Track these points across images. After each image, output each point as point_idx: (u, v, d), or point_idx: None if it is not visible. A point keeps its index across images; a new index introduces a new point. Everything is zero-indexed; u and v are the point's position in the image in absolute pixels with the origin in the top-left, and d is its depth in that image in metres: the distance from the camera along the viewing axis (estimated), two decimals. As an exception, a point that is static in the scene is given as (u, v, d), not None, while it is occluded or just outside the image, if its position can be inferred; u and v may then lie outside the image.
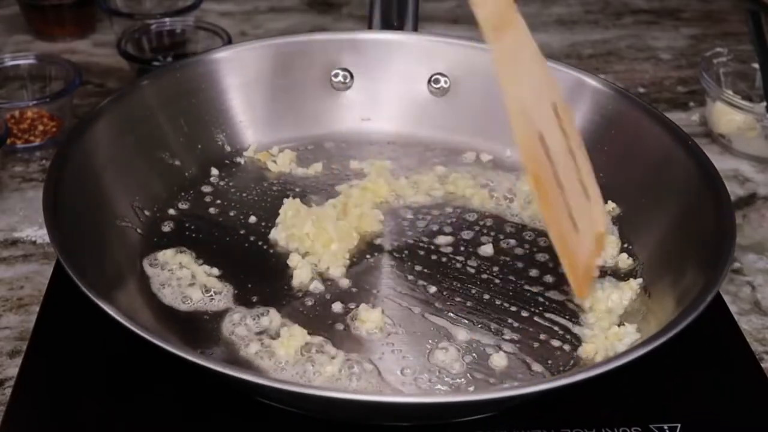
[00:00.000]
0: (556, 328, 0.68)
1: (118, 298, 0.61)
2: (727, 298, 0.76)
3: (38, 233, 0.81)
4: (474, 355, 0.65)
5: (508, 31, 0.64)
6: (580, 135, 0.68)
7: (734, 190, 0.72)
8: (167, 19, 1.04)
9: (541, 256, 0.74)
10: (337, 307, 0.69)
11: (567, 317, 0.69)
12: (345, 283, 0.71)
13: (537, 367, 0.64)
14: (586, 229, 0.66)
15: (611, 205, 0.78)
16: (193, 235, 0.74)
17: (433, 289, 0.71)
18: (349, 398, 0.56)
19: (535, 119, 0.64)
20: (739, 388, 0.66)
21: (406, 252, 0.74)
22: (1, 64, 0.96)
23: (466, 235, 0.76)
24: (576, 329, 0.68)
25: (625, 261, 0.73)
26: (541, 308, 0.69)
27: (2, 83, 0.97)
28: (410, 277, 0.72)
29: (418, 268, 0.72)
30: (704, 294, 0.60)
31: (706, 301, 0.59)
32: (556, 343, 0.66)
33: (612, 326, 0.67)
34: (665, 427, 0.62)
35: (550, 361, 0.65)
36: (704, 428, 0.63)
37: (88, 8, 1.11)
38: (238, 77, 0.84)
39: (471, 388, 0.63)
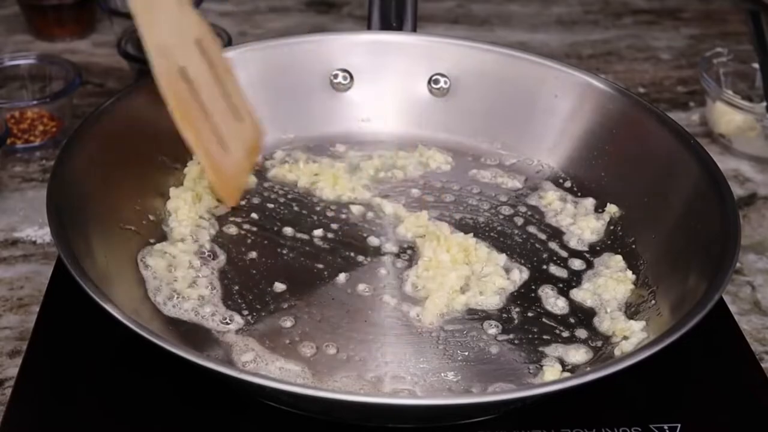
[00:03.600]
0: (555, 325, 0.68)
1: (119, 299, 0.61)
2: (727, 298, 0.76)
3: (38, 233, 0.81)
4: (475, 354, 0.65)
5: None
6: (227, 64, 0.74)
7: (734, 190, 0.73)
8: (167, 19, 1.03)
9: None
10: (336, 307, 0.69)
11: (577, 316, 0.69)
12: (345, 283, 0.71)
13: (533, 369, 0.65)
14: (237, 147, 0.75)
15: (612, 207, 0.78)
16: (194, 236, 0.74)
17: (434, 291, 0.70)
18: (349, 399, 0.56)
19: (175, 56, 0.70)
20: (739, 388, 0.66)
21: (407, 253, 0.74)
22: (1, 64, 0.97)
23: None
24: (579, 331, 0.68)
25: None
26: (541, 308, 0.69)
27: (2, 83, 0.97)
28: (411, 279, 0.72)
29: (419, 268, 0.72)
30: (708, 296, 0.60)
31: (710, 304, 0.59)
32: (553, 339, 0.66)
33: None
34: (665, 427, 0.62)
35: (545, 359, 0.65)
36: (704, 428, 0.63)
37: (88, 8, 1.11)
38: (239, 78, 0.83)
39: (472, 390, 0.63)
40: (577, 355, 0.66)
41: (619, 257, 0.74)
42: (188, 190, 0.76)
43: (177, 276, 0.69)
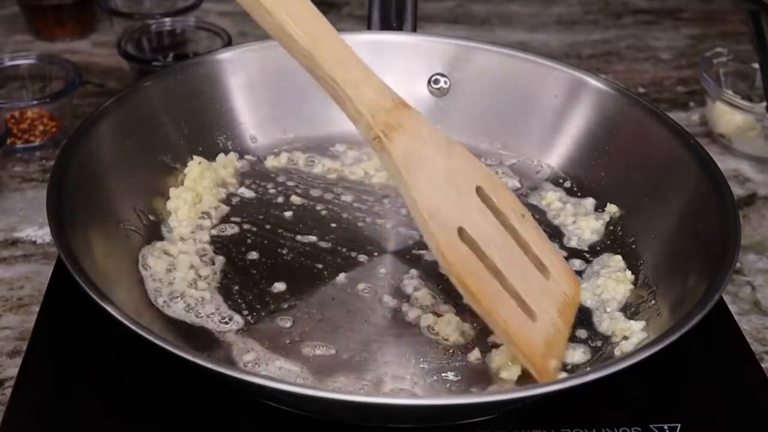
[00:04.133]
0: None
1: (119, 300, 0.61)
2: (727, 298, 0.76)
3: (38, 233, 0.81)
4: (476, 354, 0.65)
5: (398, 136, 0.58)
6: (521, 206, 0.63)
7: (734, 190, 0.72)
8: (167, 19, 1.04)
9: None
10: (336, 307, 0.69)
11: (577, 316, 0.69)
12: (345, 283, 0.71)
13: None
14: (545, 309, 0.61)
15: (612, 207, 0.78)
16: (194, 236, 0.74)
17: (435, 290, 0.70)
18: (349, 399, 0.56)
19: (450, 215, 0.58)
20: (739, 388, 0.66)
21: (407, 253, 0.74)
22: (1, 64, 0.96)
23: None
24: (579, 331, 0.68)
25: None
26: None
27: (2, 83, 0.97)
28: (411, 279, 0.72)
29: (420, 269, 0.73)
30: (708, 296, 0.60)
31: (710, 304, 0.59)
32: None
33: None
34: (665, 427, 0.62)
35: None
36: (704, 428, 0.63)
37: (88, 8, 1.11)
38: (240, 78, 0.84)
39: (472, 390, 0.63)
40: (577, 355, 0.65)
41: (619, 257, 0.73)
42: (188, 190, 0.76)
43: (177, 276, 0.69)
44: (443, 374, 0.64)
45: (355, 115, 0.59)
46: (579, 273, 0.73)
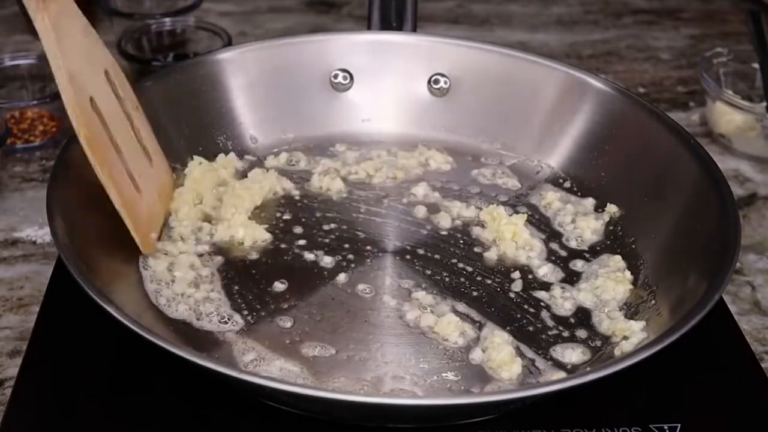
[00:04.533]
0: (555, 325, 0.68)
1: (119, 300, 0.61)
2: (727, 298, 0.76)
3: (38, 233, 0.81)
4: (476, 354, 0.65)
5: (52, 4, 0.64)
6: (135, 100, 0.70)
7: (734, 190, 0.73)
8: (167, 19, 1.04)
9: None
10: (336, 307, 0.69)
11: (577, 316, 0.69)
12: (345, 283, 0.71)
13: (541, 364, 0.65)
14: (149, 188, 0.70)
15: (612, 207, 0.78)
16: (196, 239, 0.74)
17: (435, 290, 0.70)
18: (349, 399, 0.56)
19: (85, 85, 0.65)
20: (739, 388, 0.66)
21: (408, 254, 0.74)
22: (1, 64, 0.97)
23: (470, 235, 0.76)
24: (579, 331, 0.68)
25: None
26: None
27: (2, 83, 0.97)
28: (412, 279, 0.72)
29: (420, 269, 0.72)
30: (708, 296, 0.60)
31: (710, 304, 0.60)
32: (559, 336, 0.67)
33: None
34: (665, 427, 0.62)
35: (552, 354, 0.65)
36: (704, 428, 0.63)
37: (88, 8, 1.10)
38: (239, 78, 0.84)
39: (472, 390, 0.63)
40: (577, 355, 0.66)
41: (619, 257, 0.73)
42: (189, 191, 0.76)
43: (177, 276, 0.69)
44: (443, 374, 0.64)
45: None
46: (579, 273, 0.73)
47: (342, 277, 0.71)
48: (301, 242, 0.75)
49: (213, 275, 0.70)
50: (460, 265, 0.73)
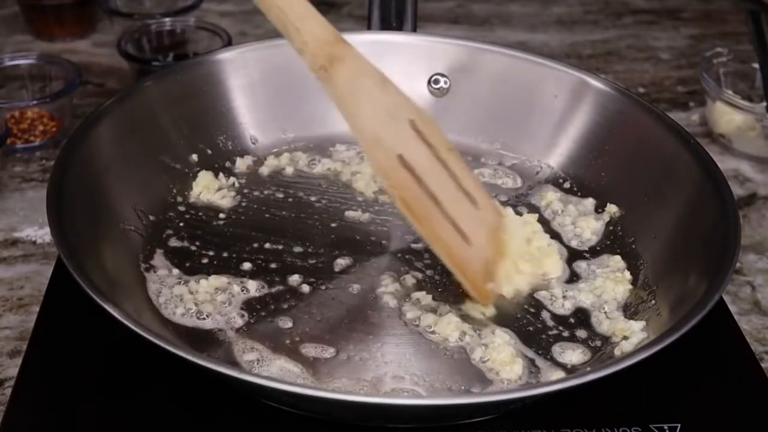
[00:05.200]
0: (555, 325, 0.68)
1: (120, 300, 0.61)
2: (727, 298, 0.76)
3: (38, 233, 0.81)
4: (476, 354, 0.65)
5: (341, 67, 0.63)
6: (448, 142, 0.66)
7: (734, 190, 0.73)
8: (167, 19, 1.04)
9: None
10: (336, 307, 0.69)
11: (577, 316, 0.69)
12: (345, 283, 0.71)
13: (541, 364, 0.65)
14: (478, 236, 0.65)
15: (612, 207, 0.78)
16: (194, 238, 0.74)
17: (435, 290, 0.70)
18: (349, 399, 0.56)
19: (390, 143, 0.63)
20: (739, 388, 0.66)
21: (408, 253, 0.74)
22: (1, 64, 0.97)
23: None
24: (579, 331, 0.68)
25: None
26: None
27: (2, 83, 0.97)
28: (412, 279, 0.72)
29: (420, 269, 0.72)
30: (708, 296, 0.60)
31: (710, 304, 0.60)
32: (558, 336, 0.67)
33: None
34: (665, 427, 0.62)
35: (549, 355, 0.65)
36: (704, 428, 0.63)
37: (88, 8, 1.11)
38: (240, 78, 0.83)
39: (472, 390, 0.63)
40: (577, 355, 0.66)
41: (618, 257, 0.74)
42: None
43: (177, 276, 0.69)
44: (443, 374, 0.64)
45: (301, 46, 0.63)
46: (579, 273, 0.73)
47: (342, 277, 0.71)
48: (301, 242, 0.75)
49: (215, 278, 0.70)
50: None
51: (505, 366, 0.64)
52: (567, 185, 0.82)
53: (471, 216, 0.65)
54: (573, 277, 0.72)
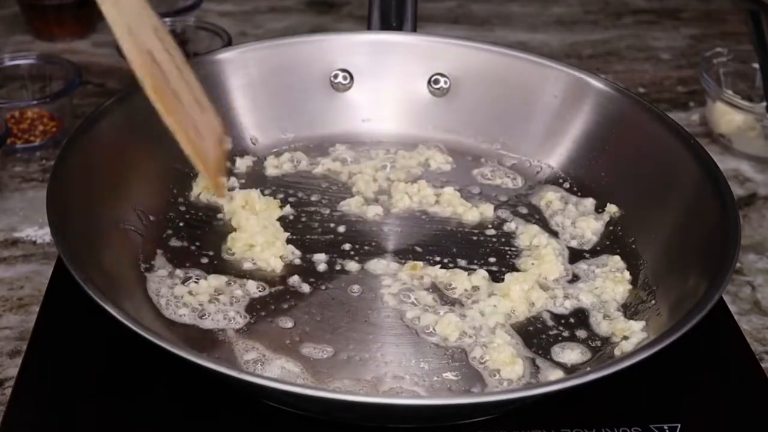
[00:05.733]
0: (555, 325, 0.68)
1: (120, 300, 0.61)
2: (727, 298, 0.76)
3: (38, 233, 0.81)
4: (476, 354, 0.65)
5: None
6: (182, 55, 0.70)
7: (734, 190, 0.73)
8: (167, 19, 1.04)
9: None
10: (336, 307, 0.69)
11: (577, 316, 0.69)
12: (346, 283, 0.71)
13: (541, 363, 0.65)
14: (209, 135, 0.71)
15: (612, 207, 0.78)
16: (194, 238, 0.74)
17: (435, 289, 0.70)
18: (349, 399, 0.56)
19: (142, 39, 0.67)
20: (739, 388, 0.66)
21: (409, 253, 0.74)
22: (1, 64, 0.97)
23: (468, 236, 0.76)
24: (579, 331, 0.68)
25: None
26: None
27: (2, 83, 0.97)
28: (412, 278, 0.72)
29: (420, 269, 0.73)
30: (708, 296, 0.60)
31: (710, 304, 0.60)
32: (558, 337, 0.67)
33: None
34: (665, 427, 0.62)
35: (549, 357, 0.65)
36: (704, 428, 0.63)
37: (88, 8, 1.11)
38: (239, 78, 0.84)
39: (472, 390, 0.63)
40: (577, 355, 0.66)
41: (618, 257, 0.74)
42: None
43: (176, 276, 0.69)
44: (443, 374, 0.64)
45: None
46: (579, 273, 0.73)
47: (342, 277, 0.71)
48: (302, 242, 0.75)
49: (215, 279, 0.70)
50: (461, 264, 0.73)
51: (506, 366, 0.63)
52: (567, 185, 0.82)
53: (202, 119, 0.71)
54: (573, 278, 0.72)
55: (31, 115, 0.93)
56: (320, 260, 0.73)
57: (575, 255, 0.75)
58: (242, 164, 0.82)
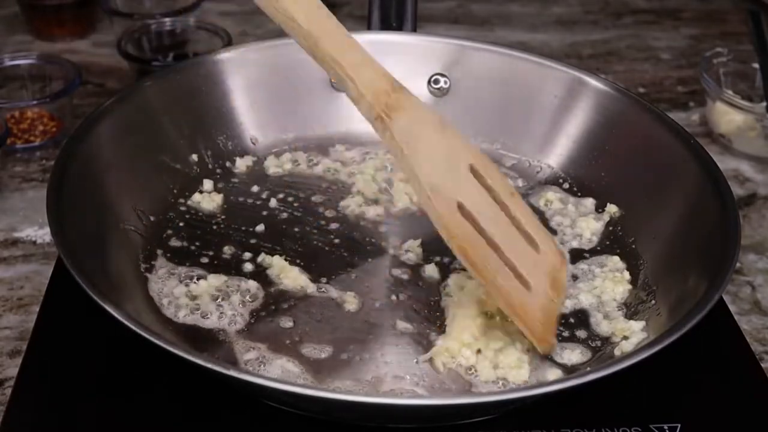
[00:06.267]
0: (560, 328, 0.68)
1: (120, 300, 0.61)
2: (727, 298, 0.76)
3: (38, 233, 0.81)
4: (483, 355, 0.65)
5: (399, 117, 0.62)
6: (509, 185, 0.66)
7: (734, 190, 0.73)
8: (167, 19, 1.04)
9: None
10: (336, 307, 0.69)
11: (577, 316, 0.69)
12: (346, 283, 0.71)
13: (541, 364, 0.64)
14: (538, 281, 0.64)
15: (612, 207, 0.78)
16: (194, 238, 0.74)
17: (435, 292, 0.71)
18: (350, 399, 0.56)
19: (450, 191, 0.61)
20: (739, 388, 0.66)
21: (409, 255, 0.74)
22: (1, 64, 0.97)
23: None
24: (579, 331, 0.68)
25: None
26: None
27: (2, 83, 0.97)
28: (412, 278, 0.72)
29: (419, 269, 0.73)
30: (708, 296, 0.60)
31: (710, 304, 0.59)
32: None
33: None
34: (665, 427, 0.62)
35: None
36: (704, 428, 0.63)
37: (88, 8, 1.11)
38: (240, 79, 0.84)
39: (472, 390, 0.63)
40: (577, 355, 0.66)
41: (617, 258, 0.73)
42: None
43: (177, 276, 0.69)
44: (443, 374, 0.64)
45: (357, 96, 0.62)
46: (578, 273, 0.73)
47: (342, 277, 0.71)
48: (302, 242, 0.75)
49: (215, 279, 0.70)
50: (461, 265, 0.73)
51: (512, 370, 0.63)
52: (567, 185, 0.82)
53: (531, 261, 0.64)
54: (573, 278, 0.72)
55: (31, 115, 0.93)
56: (320, 260, 0.73)
57: (575, 255, 0.75)
58: (242, 164, 0.82)
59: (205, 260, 0.72)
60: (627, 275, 0.72)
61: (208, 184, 0.79)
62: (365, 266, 0.73)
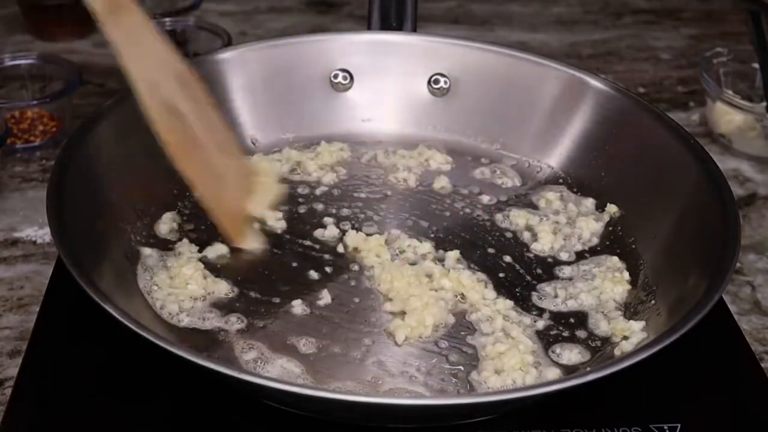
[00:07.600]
0: (555, 325, 0.68)
1: (120, 300, 0.61)
2: (727, 298, 0.76)
3: (38, 233, 0.81)
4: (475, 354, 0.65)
5: (123, 15, 0.68)
6: (209, 98, 0.71)
7: (734, 190, 0.73)
8: (167, 19, 1.04)
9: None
10: (336, 307, 0.69)
11: (577, 316, 0.69)
12: (346, 283, 0.71)
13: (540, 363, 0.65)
14: (234, 181, 0.73)
15: (612, 207, 0.78)
16: (194, 239, 0.74)
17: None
18: (349, 399, 0.56)
19: (162, 91, 0.68)
20: (739, 388, 0.66)
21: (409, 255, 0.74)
22: (1, 64, 0.97)
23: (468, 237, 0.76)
24: (579, 331, 0.68)
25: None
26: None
27: (2, 83, 0.97)
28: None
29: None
30: (708, 296, 0.60)
31: (710, 304, 0.59)
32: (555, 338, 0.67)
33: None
34: (665, 427, 0.62)
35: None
36: (704, 428, 0.63)
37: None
38: (239, 79, 0.84)
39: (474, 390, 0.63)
40: (577, 355, 0.66)
41: (616, 258, 0.73)
42: None
43: (177, 276, 0.69)
44: (443, 374, 0.64)
45: None
46: (579, 273, 0.73)
47: (342, 278, 0.71)
48: (302, 242, 0.75)
49: (214, 279, 0.70)
50: (461, 266, 0.73)
51: (514, 372, 0.63)
52: (567, 185, 0.82)
53: (228, 165, 0.72)
54: (573, 278, 0.72)
55: (31, 115, 0.93)
56: (320, 260, 0.73)
57: (575, 255, 0.75)
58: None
59: (205, 260, 0.72)
60: (627, 275, 0.72)
61: None
62: (366, 266, 0.73)
